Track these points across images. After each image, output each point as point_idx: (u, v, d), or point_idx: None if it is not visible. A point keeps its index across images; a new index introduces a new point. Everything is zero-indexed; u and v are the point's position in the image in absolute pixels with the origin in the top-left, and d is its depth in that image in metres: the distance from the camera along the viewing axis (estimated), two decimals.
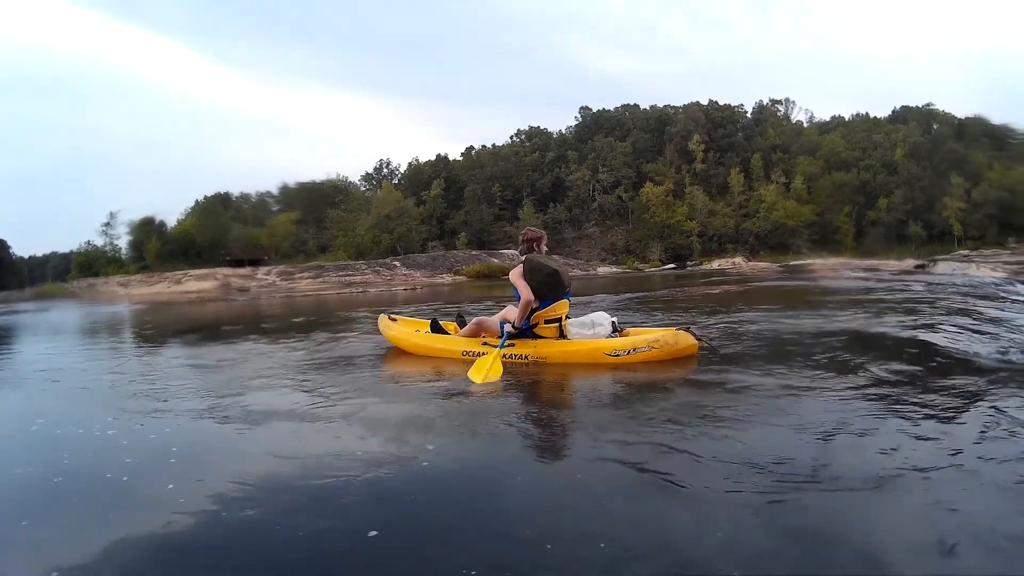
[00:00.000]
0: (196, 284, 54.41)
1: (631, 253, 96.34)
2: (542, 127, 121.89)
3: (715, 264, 79.30)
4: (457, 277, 59.05)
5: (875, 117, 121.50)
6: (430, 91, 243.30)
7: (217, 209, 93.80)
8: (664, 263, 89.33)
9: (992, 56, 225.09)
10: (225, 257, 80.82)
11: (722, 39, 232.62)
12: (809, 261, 68.49)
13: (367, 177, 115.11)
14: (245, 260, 75.66)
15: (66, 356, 10.46)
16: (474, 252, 75.18)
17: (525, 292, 7.14)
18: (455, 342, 8.03)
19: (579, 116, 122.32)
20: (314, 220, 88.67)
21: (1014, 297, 14.69)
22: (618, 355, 6.89)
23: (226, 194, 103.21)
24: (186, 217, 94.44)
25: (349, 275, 57.16)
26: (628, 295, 20.90)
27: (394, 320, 9.32)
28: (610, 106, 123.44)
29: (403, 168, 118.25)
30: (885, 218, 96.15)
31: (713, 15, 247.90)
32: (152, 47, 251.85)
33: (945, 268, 33.83)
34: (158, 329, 16.31)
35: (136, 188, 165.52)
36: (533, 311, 7.33)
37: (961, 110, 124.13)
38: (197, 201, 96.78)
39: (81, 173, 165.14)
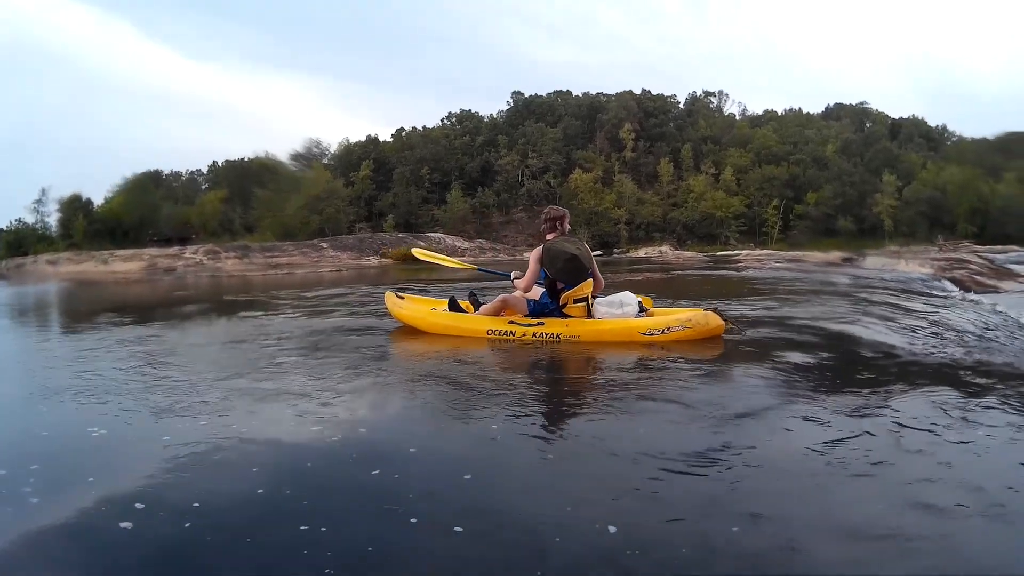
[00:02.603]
0: (123, 265, 54.00)
1: None
2: (474, 111, 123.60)
3: (642, 252, 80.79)
4: (384, 260, 58.77)
5: (808, 113, 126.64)
6: (363, 73, 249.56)
7: (147, 187, 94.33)
8: (592, 250, 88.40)
9: (935, 60, 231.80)
10: (153, 237, 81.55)
11: (659, 31, 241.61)
12: (735, 252, 70.20)
13: (296, 156, 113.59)
14: (172, 238, 76.19)
15: None
16: (401, 235, 76.11)
17: (527, 279, 7.84)
18: (479, 320, 8.24)
19: (511, 101, 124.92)
20: (241, 199, 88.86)
21: (937, 292, 15.51)
22: (652, 334, 7.33)
23: (157, 172, 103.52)
24: (113, 195, 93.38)
25: (276, 256, 57.71)
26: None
27: (402, 298, 9.34)
28: (543, 92, 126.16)
29: (334, 148, 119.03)
30: (813, 212, 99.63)
31: (651, 7, 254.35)
32: (77, 16, 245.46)
33: (874, 263, 33.18)
34: (87, 311, 16.36)
35: (68, 165, 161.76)
36: (559, 291, 7.80)
37: (897, 110, 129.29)
38: (125, 178, 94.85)
39: (9, 149, 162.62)
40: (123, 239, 75.69)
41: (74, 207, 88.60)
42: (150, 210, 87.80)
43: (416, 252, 11.52)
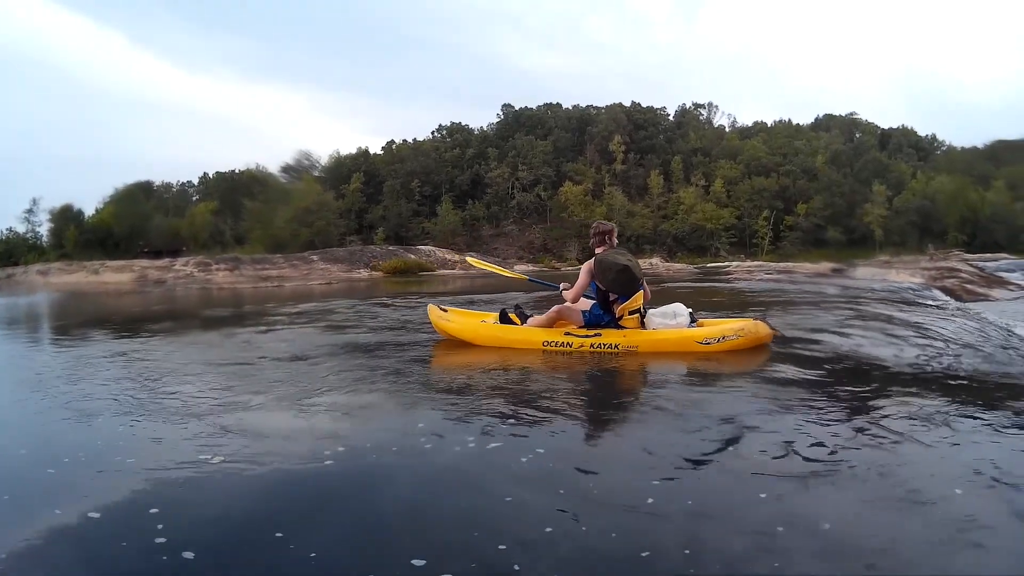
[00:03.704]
0: (114, 276, 53.43)
1: (548, 252, 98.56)
2: (464, 123, 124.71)
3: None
4: (374, 272, 57.47)
5: (797, 124, 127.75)
6: (353, 84, 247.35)
7: (137, 198, 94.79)
8: (581, 262, 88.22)
9: (924, 70, 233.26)
10: (143, 248, 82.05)
11: (649, 40, 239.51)
12: (725, 263, 70.30)
13: (286, 168, 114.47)
14: (163, 251, 76.60)
15: None
16: (391, 247, 74.60)
17: (576, 290, 7.91)
18: (534, 332, 8.29)
19: (501, 113, 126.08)
20: (232, 210, 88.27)
21: (929, 302, 15.55)
22: (709, 343, 7.52)
23: (148, 183, 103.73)
24: (104, 206, 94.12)
25: (266, 268, 56.49)
26: (540, 294, 20.00)
27: (445, 311, 9.32)
28: (533, 104, 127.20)
29: (324, 160, 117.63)
30: (803, 223, 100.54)
31: (640, 16, 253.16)
32: (70, 27, 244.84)
33: (864, 273, 33.37)
34: (77, 324, 15.71)
35: (59, 175, 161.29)
36: (612, 302, 7.89)
37: (886, 121, 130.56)
38: (116, 189, 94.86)
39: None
40: (114, 249, 76.48)
41: (66, 217, 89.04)
42: (140, 221, 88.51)
43: (470, 260, 12.25)
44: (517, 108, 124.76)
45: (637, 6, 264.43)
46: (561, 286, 8.35)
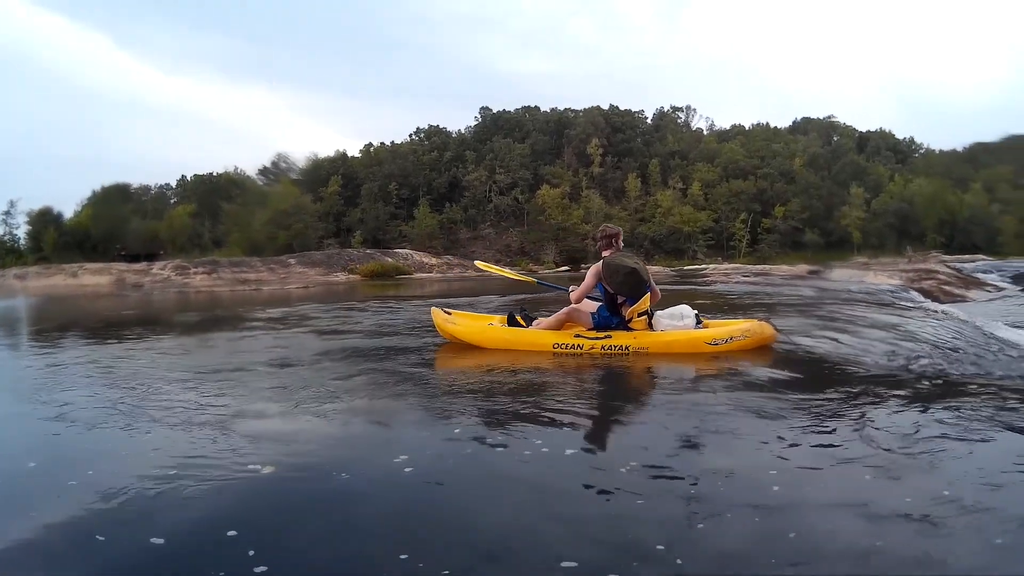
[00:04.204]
0: (92, 278, 54.79)
1: (526, 255, 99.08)
2: (442, 126, 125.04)
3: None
4: (352, 276, 60.18)
5: (775, 127, 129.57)
6: (333, 85, 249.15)
7: (115, 200, 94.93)
8: (558, 265, 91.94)
9: (903, 74, 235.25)
10: (121, 251, 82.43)
11: (630, 44, 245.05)
12: (703, 266, 72.04)
13: (264, 171, 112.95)
14: (141, 254, 76.64)
15: None
16: (369, 251, 76.79)
17: (581, 291, 8.25)
18: (544, 335, 8.44)
19: (479, 116, 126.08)
20: (210, 213, 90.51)
21: (904, 303, 15.88)
22: (717, 344, 7.77)
23: (126, 185, 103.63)
24: (83, 208, 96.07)
25: (244, 272, 57.95)
26: (516, 296, 21.26)
27: (449, 314, 9.51)
28: (511, 107, 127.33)
29: (301, 163, 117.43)
30: (781, 225, 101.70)
31: (623, 19, 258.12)
32: (51, 27, 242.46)
33: (841, 275, 34.17)
34: (57, 330, 15.30)
35: (37, 176, 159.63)
36: (620, 304, 8.18)
37: (864, 124, 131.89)
38: (94, 191, 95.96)
39: None
40: (92, 252, 76.78)
41: (44, 220, 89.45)
42: (118, 224, 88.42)
43: (479, 264, 12.00)
44: (495, 111, 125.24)
45: (620, 10, 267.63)
46: (570, 288, 8.62)
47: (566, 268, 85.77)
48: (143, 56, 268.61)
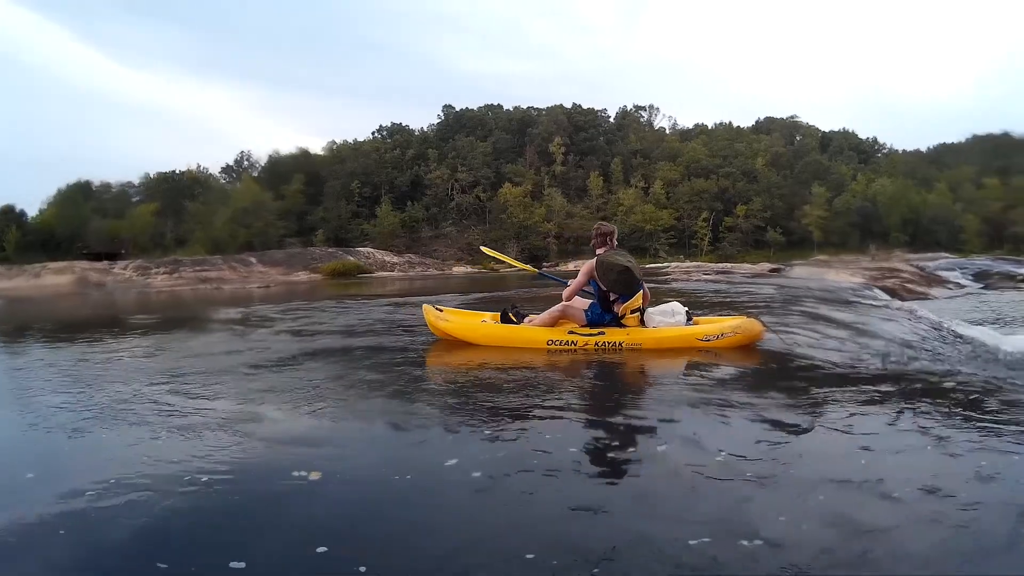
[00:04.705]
0: (54, 278, 54.99)
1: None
2: (405, 124, 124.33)
3: (571, 266, 79.73)
4: (313, 275, 60.84)
5: (738, 127, 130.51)
6: (296, 83, 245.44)
7: (77, 199, 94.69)
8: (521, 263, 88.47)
9: (865, 76, 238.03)
10: (83, 250, 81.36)
11: (592, 44, 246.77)
12: (664, 264, 72.25)
13: (227, 169, 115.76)
14: (102, 254, 76.20)
15: None
16: (330, 249, 77.84)
17: (573, 288, 8.51)
18: (538, 331, 8.64)
19: (442, 114, 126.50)
20: (173, 212, 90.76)
21: (866, 301, 16.11)
22: (708, 340, 8.02)
23: (87, 183, 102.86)
24: (47, 207, 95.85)
25: (205, 270, 58.91)
26: (478, 295, 21.80)
27: (441, 311, 9.58)
28: (474, 105, 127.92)
29: (264, 161, 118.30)
30: (743, 224, 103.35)
31: (584, 20, 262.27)
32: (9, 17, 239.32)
33: (802, 272, 35.87)
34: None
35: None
36: (612, 302, 8.36)
37: (828, 124, 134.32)
38: (59, 190, 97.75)
39: None
40: (55, 251, 76.47)
41: (7, 219, 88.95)
42: (80, 223, 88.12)
43: (484, 249, 12.20)
44: (458, 109, 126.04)
45: (581, 11, 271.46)
46: (569, 282, 8.79)
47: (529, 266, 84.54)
48: (104, 49, 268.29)
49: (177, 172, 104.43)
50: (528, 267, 12.19)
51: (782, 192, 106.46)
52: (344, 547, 2.97)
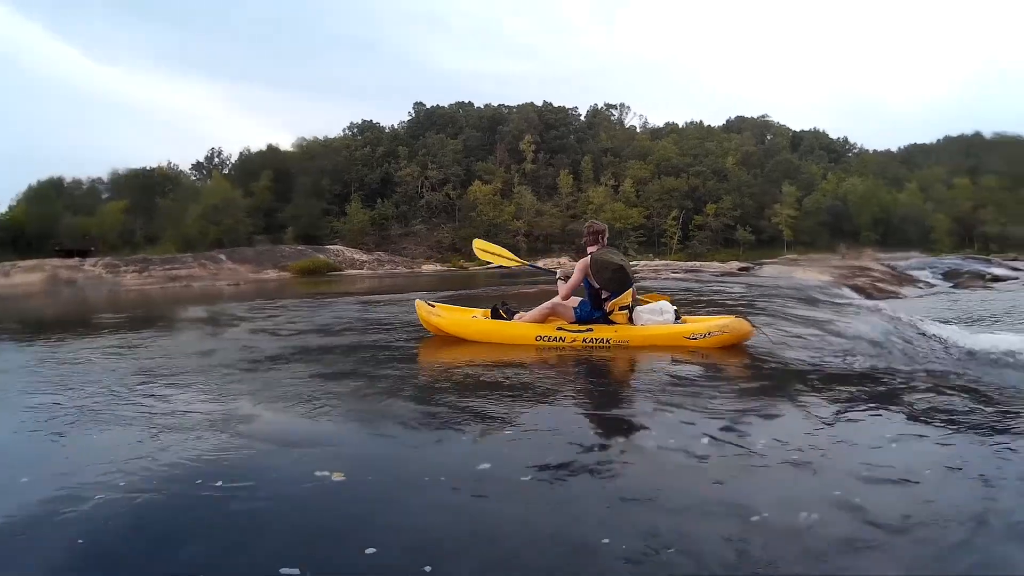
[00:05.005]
0: (24, 276, 53.33)
1: (457, 251, 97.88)
2: (375, 121, 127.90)
3: (541, 263, 74.12)
4: (283, 273, 60.47)
5: (709, 126, 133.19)
6: (266, 79, 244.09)
7: (48, 196, 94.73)
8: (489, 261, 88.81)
9: (837, 77, 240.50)
10: (55, 247, 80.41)
11: (567, 42, 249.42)
12: (633, 262, 72.16)
13: (197, 166, 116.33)
14: (74, 251, 75.80)
15: None
16: (300, 247, 77.50)
17: (570, 287, 8.57)
18: (527, 327, 8.73)
19: (412, 112, 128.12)
20: (143, 209, 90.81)
21: (835, 300, 16.14)
22: (696, 338, 7.96)
23: (59, 180, 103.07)
24: (17, 203, 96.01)
25: (175, 268, 58.71)
26: (446, 292, 21.42)
27: (433, 306, 9.66)
28: (445, 103, 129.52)
29: (234, 158, 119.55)
30: (712, 223, 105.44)
31: (561, 19, 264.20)
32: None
33: (771, 271, 35.43)
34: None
35: None
36: (604, 299, 8.42)
37: (799, 123, 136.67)
38: (30, 186, 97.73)
39: None
40: (26, 249, 75.84)
41: None
42: (51, 220, 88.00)
43: (477, 242, 11.42)
44: (429, 106, 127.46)
45: (557, 10, 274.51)
46: (559, 274, 9.08)
47: (498, 264, 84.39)
48: (71, 40, 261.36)
49: (147, 169, 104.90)
50: (520, 261, 11.83)
51: (752, 191, 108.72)
52: (394, 548, 2.97)
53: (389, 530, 3.13)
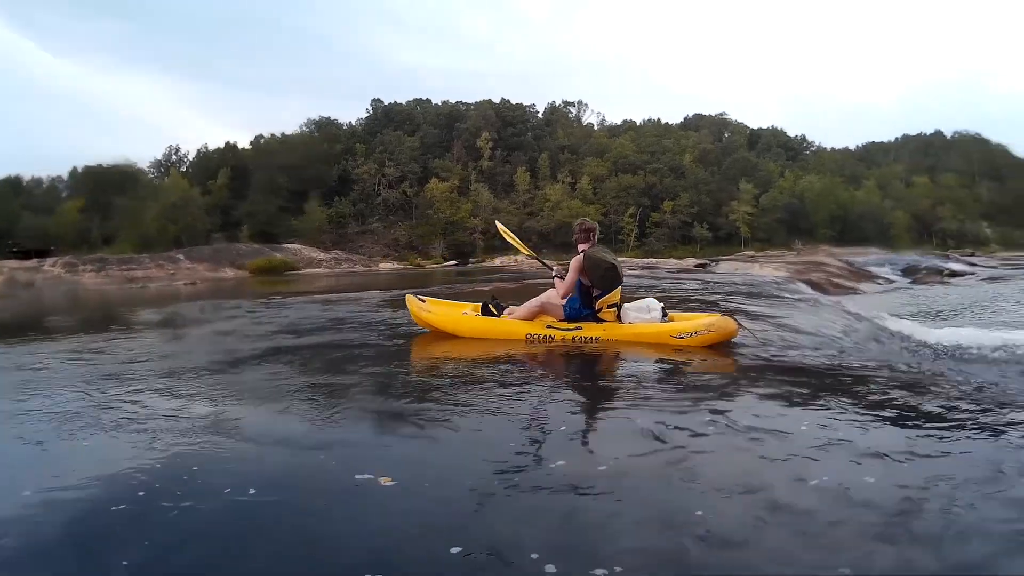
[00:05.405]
0: None
1: (414, 249, 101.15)
2: (333, 118, 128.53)
3: (497, 261, 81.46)
4: (240, 272, 61.44)
5: (667, 123, 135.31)
6: (224, 75, 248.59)
7: (7, 195, 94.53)
8: (446, 260, 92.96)
9: (796, 73, 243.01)
10: (12, 248, 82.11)
11: (525, 40, 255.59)
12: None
13: (156, 164, 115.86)
14: (32, 251, 76.56)
15: None
16: (257, 245, 78.08)
17: (567, 287, 8.61)
18: (517, 324, 8.82)
19: (370, 108, 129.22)
20: (100, 208, 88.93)
21: (790, 295, 16.14)
22: (682, 337, 7.97)
23: (17, 178, 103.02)
24: None
25: (132, 268, 58.90)
26: (397, 291, 20.88)
27: (424, 302, 9.75)
28: (403, 99, 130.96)
29: (192, 155, 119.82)
30: (670, 220, 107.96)
31: (520, 15, 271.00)
32: None
33: (727, 267, 36.46)
34: None
35: None
36: (595, 297, 8.55)
37: (756, 121, 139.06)
38: None
39: None
40: None
41: None
42: (9, 220, 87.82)
43: (499, 225, 11.53)
44: (387, 103, 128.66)
45: (518, 7, 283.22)
46: (555, 270, 9.07)
47: (455, 262, 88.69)
48: (28, 32, 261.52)
49: (104, 166, 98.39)
50: (529, 251, 11.51)
51: (709, 188, 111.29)
52: (479, 549, 2.92)
53: (455, 530, 3.08)
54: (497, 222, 12.17)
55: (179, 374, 7.09)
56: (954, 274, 32.84)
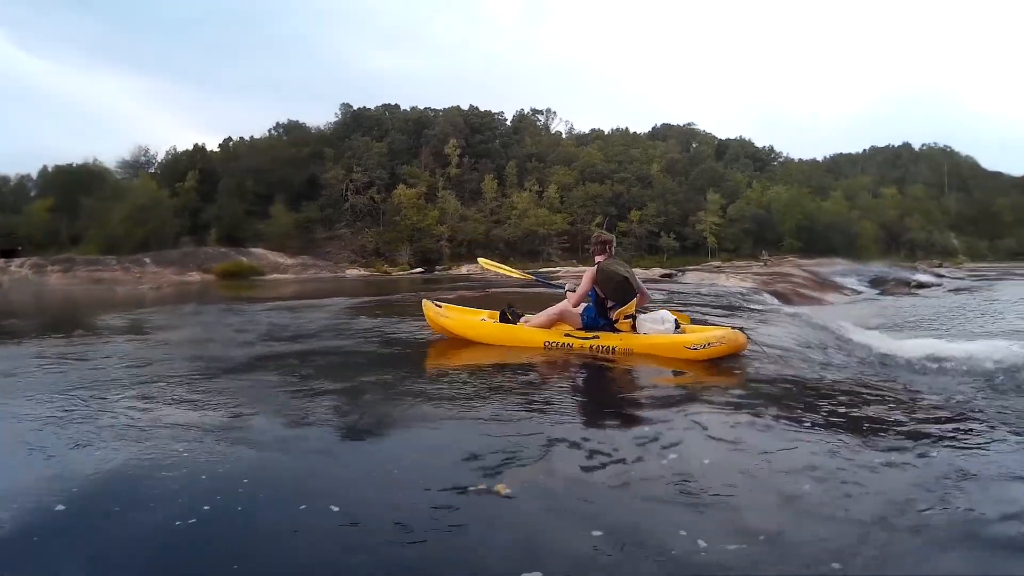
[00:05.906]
0: None
1: (381, 256, 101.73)
2: (302, 121, 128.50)
3: (463, 269, 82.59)
4: (206, 276, 61.83)
5: (635, 132, 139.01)
6: (194, 77, 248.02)
7: None
8: (413, 267, 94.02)
9: (764, 85, 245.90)
10: None
11: (495, 46, 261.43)
12: (556, 268, 77.48)
13: (124, 164, 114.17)
14: (1, 251, 75.36)
15: None
16: (224, 249, 79.00)
17: (579, 296, 8.88)
18: (536, 332, 9.07)
19: (339, 113, 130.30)
20: (68, 208, 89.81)
21: (755, 305, 16.73)
22: (696, 348, 8.16)
23: None
24: None
25: (99, 270, 59.56)
26: (366, 299, 22.00)
27: (440, 307, 9.99)
28: (372, 104, 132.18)
29: (160, 156, 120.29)
30: (636, 229, 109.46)
31: (489, 21, 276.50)
32: None
33: (694, 277, 37.23)
34: None
35: None
36: (610, 308, 8.80)
37: (724, 132, 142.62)
38: None
39: None
40: None
41: None
42: None
43: (482, 260, 11.96)
44: (356, 108, 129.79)
45: (485, 12, 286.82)
46: (567, 287, 9.31)
47: (421, 269, 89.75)
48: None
49: (73, 165, 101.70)
50: (526, 275, 12.28)
51: (677, 198, 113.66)
52: (611, 550, 3.05)
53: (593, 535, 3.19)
54: (480, 259, 12.74)
55: (125, 382, 7.21)
56: (921, 285, 33.85)
